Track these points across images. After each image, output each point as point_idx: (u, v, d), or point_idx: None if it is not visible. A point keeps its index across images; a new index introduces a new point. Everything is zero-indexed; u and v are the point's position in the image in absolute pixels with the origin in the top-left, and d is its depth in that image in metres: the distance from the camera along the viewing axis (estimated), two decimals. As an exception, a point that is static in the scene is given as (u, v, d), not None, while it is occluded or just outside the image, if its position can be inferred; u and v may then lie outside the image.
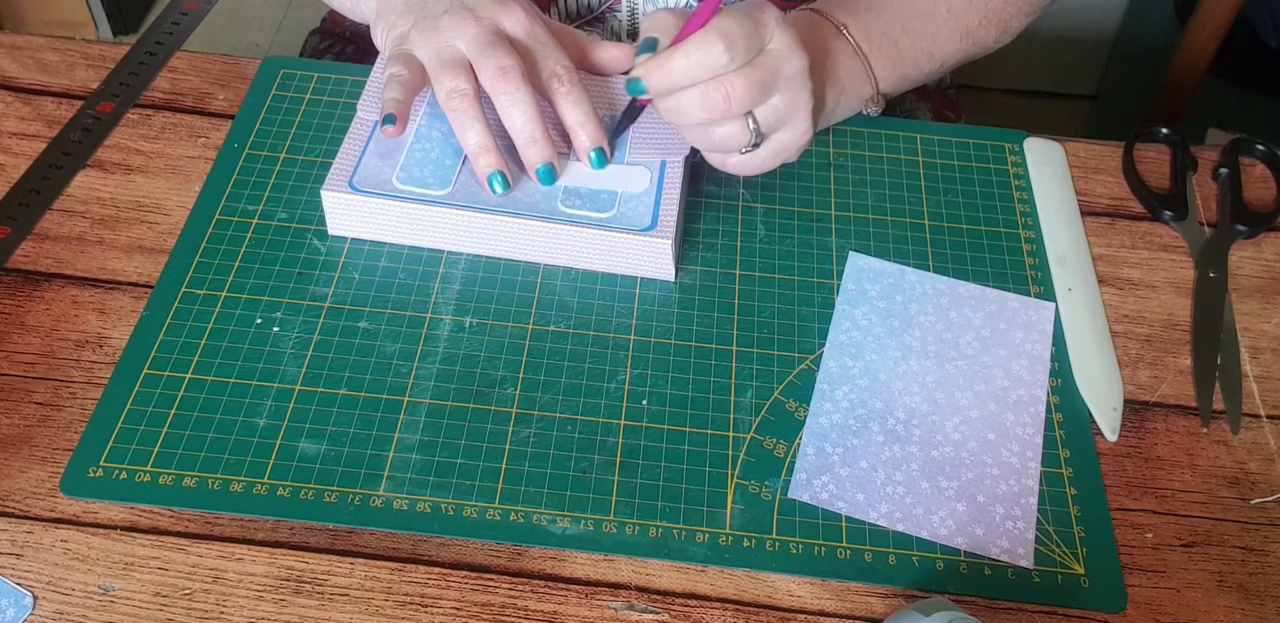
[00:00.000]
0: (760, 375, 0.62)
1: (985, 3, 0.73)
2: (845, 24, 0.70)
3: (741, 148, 0.62)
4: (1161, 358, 0.65)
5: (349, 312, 0.63)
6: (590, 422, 0.59)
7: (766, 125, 0.62)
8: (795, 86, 0.61)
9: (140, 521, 0.55)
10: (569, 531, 0.55)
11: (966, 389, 0.62)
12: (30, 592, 0.52)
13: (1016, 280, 0.67)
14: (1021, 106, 1.88)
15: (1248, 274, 0.70)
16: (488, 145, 0.62)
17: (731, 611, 0.54)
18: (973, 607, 0.55)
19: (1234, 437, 0.62)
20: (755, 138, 0.62)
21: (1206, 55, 1.27)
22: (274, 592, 0.53)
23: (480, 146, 0.62)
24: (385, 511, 0.55)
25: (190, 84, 0.75)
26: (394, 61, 0.64)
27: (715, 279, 0.66)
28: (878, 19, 0.71)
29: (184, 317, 0.62)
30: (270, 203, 0.67)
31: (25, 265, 0.64)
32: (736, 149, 0.63)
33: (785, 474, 0.58)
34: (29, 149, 0.70)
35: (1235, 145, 0.75)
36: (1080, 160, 0.75)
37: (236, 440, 0.57)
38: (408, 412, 0.59)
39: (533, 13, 0.65)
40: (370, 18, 0.70)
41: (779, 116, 0.62)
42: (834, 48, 0.69)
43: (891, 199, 0.71)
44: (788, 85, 0.61)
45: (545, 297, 0.64)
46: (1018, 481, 0.59)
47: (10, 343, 0.61)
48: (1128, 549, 0.57)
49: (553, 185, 0.64)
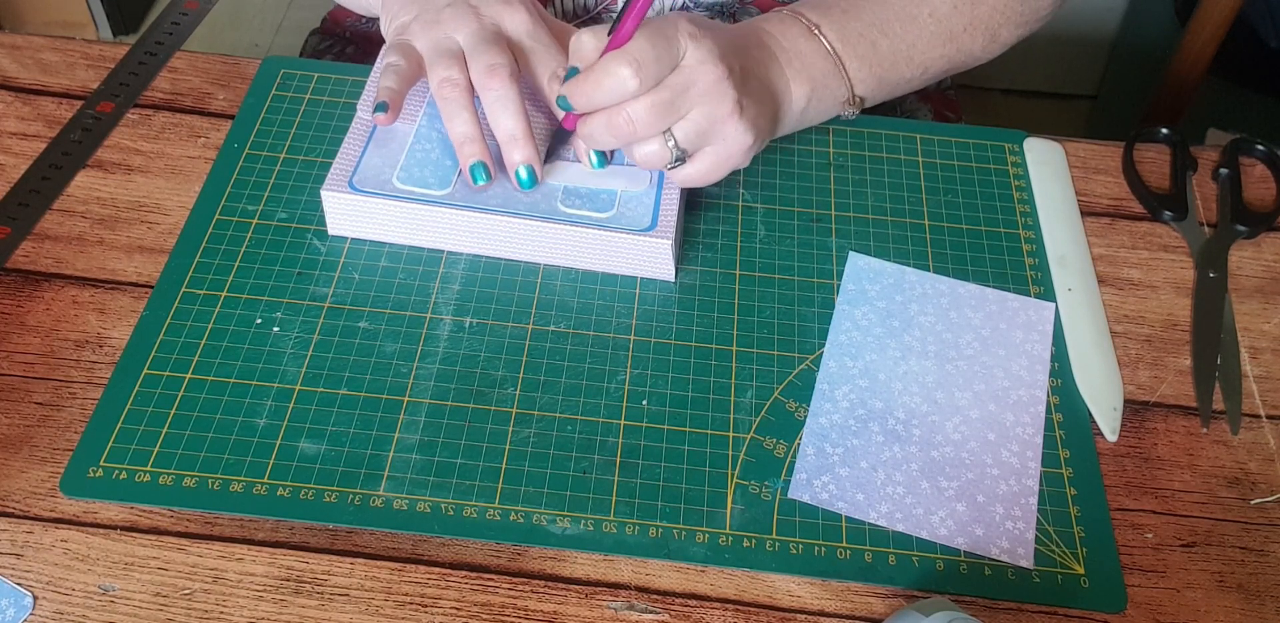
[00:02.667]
0: (760, 375, 0.62)
1: (971, 9, 0.72)
2: (818, 24, 0.69)
3: (665, 165, 0.62)
4: (1161, 358, 0.65)
5: (349, 312, 0.63)
6: (590, 422, 0.59)
7: (687, 141, 0.61)
8: (714, 98, 0.60)
9: (140, 521, 0.55)
10: (569, 531, 0.55)
11: (966, 389, 0.62)
12: (30, 592, 0.52)
13: (1016, 280, 0.67)
14: (1021, 106, 1.88)
15: (1248, 274, 0.70)
16: (473, 135, 0.62)
17: (731, 611, 0.54)
18: (973, 607, 0.55)
19: (1234, 437, 0.62)
20: (676, 154, 0.62)
21: (1206, 55, 1.27)
22: (274, 592, 0.53)
23: (465, 135, 0.62)
24: (385, 511, 0.55)
25: (190, 84, 0.75)
26: (392, 51, 0.64)
27: (715, 279, 0.66)
28: (854, 20, 0.70)
29: (184, 317, 0.62)
30: (270, 203, 0.67)
31: (25, 265, 0.64)
32: (661, 167, 0.63)
33: (785, 474, 0.58)
34: (29, 149, 0.70)
35: (1235, 145, 0.75)
36: (1080, 160, 0.75)
37: (236, 440, 0.57)
38: (408, 412, 0.59)
39: (535, 13, 0.65)
40: (376, 9, 0.70)
41: (699, 131, 0.61)
42: (806, 48, 0.68)
43: (891, 199, 0.71)
44: (704, 98, 0.60)
45: (545, 297, 0.64)
46: (1018, 481, 0.59)
47: (10, 343, 0.61)
48: (1128, 549, 0.57)
49: (533, 189, 0.64)
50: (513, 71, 0.62)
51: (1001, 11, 0.73)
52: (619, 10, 0.61)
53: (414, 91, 0.66)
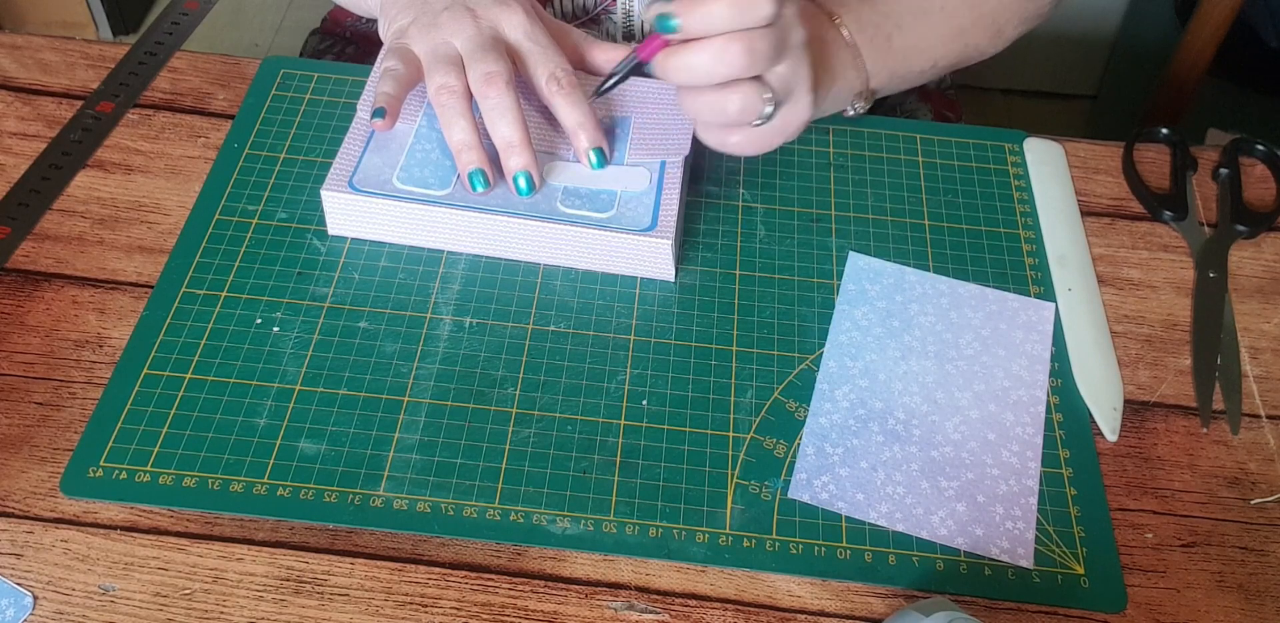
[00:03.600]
0: (760, 375, 0.62)
1: (979, 4, 0.73)
2: (839, 15, 0.69)
3: (756, 119, 0.60)
4: (1161, 358, 0.65)
5: (349, 312, 0.63)
6: (590, 422, 0.59)
7: (776, 94, 0.59)
8: (799, 57, 0.59)
9: (140, 521, 0.55)
10: (569, 531, 0.55)
11: (966, 389, 0.62)
12: (30, 592, 0.52)
13: (1016, 280, 0.67)
14: (1021, 106, 1.88)
15: (1248, 274, 0.70)
16: (471, 142, 0.62)
17: (731, 611, 0.54)
18: (973, 607, 0.55)
19: (1234, 437, 0.62)
20: (770, 107, 0.59)
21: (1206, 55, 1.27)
22: (274, 592, 0.53)
23: (464, 143, 0.62)
24: (385, 511, 0.55)
25: (190, 84, 0.75)
26: (390, 56, 0.64)
27: (715, 279, 0.66)
28: (871, 13, 0.70)
29: (184, 317, 0.62)
30: (270, 203, 0.67)
31: (25, 265, 0.64)
32: (751, 120, 0.60)
33: (785, 474, 0.58)
34: (29, 149, 0.70)
35: (1235, 145, 0.75)
36: (1080, 160, 0.75)
37: (236, 440, 0.57)
38: (408, 412, 0.59)
39: (533, 14, 0.65)
40: (375, 11, 0.70)
41: (786, 86, 0.60)
42: (827, 38, 0.68)
43: (891, 199, 0.71)
44: (793, 54, 0.59)
45: (545, 297, 0.64)
46: (1018, 481, 0.59)
47: (10, 343, 0.61)
48: (1128, 549, 0.57)
49: (531, 195, 0.64)
50: (509, 78, 0.61)
51: (1008, 7, 0.74)
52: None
53: (414, 92, 0.66)
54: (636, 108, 0.68)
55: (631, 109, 0.68)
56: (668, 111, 0.68)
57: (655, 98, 0.69)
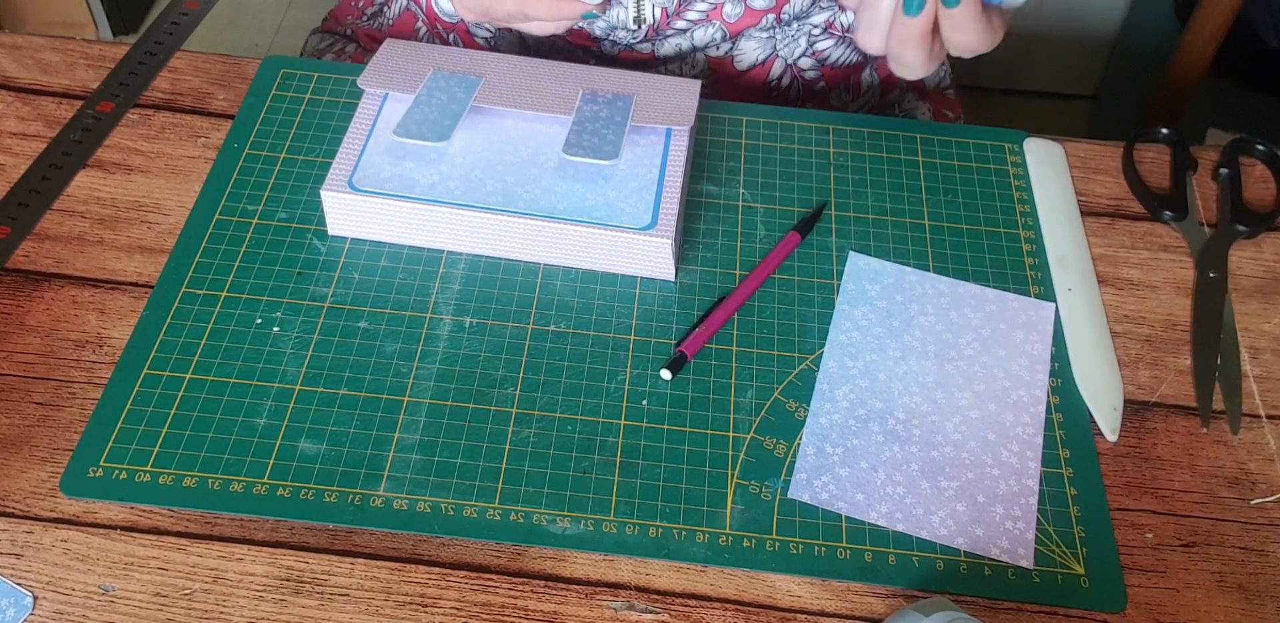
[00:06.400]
0: (760, 375, 0.62)
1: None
2: None
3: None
4: (1161, 358, 0.65)
5: (349, 312, 0.63)
6: (590, 422, 0.59)
7: None
8: None
9: (140, 521, 0.55)
10: (569, 531, 0.55)
11: (966, 389, 0.62)
12: (30, 592, 0.52)
13: (1016, 280, 0.67)
14: (1021, 106, 1.88)
15: (1248, 274, 0.70)
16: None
17: (731, 611, 0.54)
18: (973, 607, 0.55)
19: (1234, 437, 0.62)
20: None
21: (1206, 55, 1.27)
22: (274, 592, 0.53)
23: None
24: (385, 511, 0.55)
25: (190, 84, 0.75)
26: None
27: (715, 279, 0.66)
28: None
29: (184, 317, 0.62)
30: (270, 203, 0.67)
31: (25, 265, 0.64)
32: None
33: (785, 474, 0.58)
34: (29, 149, 0.70)
35: (1235, 145, 0.75)
36: (1080, 160, 0.75)
37: (236, 440, 0.57)
38: (408, 412, 0.59)
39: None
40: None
41: None
42: None
43: (891, 199, 0.71)
44: None
45: (545, 297, 0.64)
46: (1018, 481, 0.59)
47: (10, 343, 0.61)
48: (1128, 549, 0.57)
49: None
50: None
51: None
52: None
53: (414, 70, 0.68)
54: (639, 87, 0.69)
55: (634, 89, 0.69)
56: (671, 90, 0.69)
57: (658, 83, 0.70)
